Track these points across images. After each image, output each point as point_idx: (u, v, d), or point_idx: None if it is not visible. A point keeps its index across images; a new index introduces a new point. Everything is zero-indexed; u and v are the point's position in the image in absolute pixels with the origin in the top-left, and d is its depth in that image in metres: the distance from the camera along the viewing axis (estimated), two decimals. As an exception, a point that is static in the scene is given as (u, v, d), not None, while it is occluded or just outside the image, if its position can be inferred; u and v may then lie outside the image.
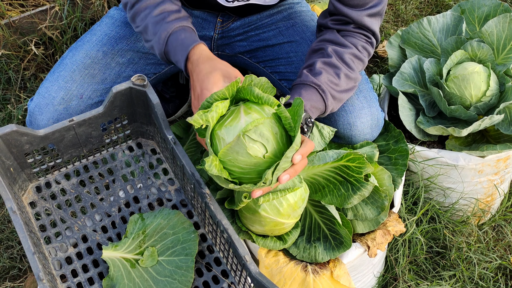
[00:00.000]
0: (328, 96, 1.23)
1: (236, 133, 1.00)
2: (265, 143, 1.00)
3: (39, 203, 1.26)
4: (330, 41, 1.31)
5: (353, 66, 1.28)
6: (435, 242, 1.67)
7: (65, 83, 1.37)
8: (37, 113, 1.33)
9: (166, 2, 1.26)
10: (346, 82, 1.27)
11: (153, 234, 1.21)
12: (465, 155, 1.54)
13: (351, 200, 1.23)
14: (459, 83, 1.52)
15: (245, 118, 1.01)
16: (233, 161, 1.01)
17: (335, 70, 1.26)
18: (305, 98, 1.21)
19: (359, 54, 1.30)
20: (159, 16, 1.24)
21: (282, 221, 1.19)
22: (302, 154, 1.02)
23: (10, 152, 1.16)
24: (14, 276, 1.60)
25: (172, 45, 1.22)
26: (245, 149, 0.98)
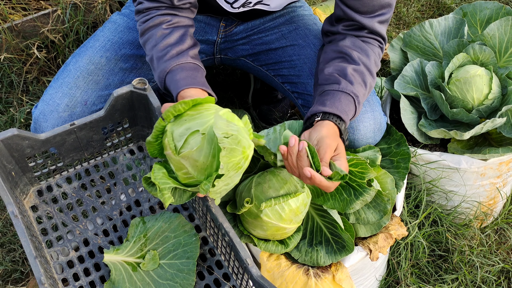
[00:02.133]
0: (360, 107, 1.25)
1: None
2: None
3: (40, 207, 1.26)
4: (353, 48, 1.29)
5: (374, 74, 1.30)
6: (437, 246, 1.66)
7: (69, 89, 1.37)
8: (42, 120, 1.33)
9: (173, 34, 1.27)
10: (369, 91, 1.29)
11: (155, 238, 1.21)
12: (467, 158, 1.54)
13: (353, 205, 1.22)
14: (461, 86, 1.52)
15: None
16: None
17: (363, 78, 1.26)
18: (345, 110, 1.20)
19: (377, 61, 1.32)
20: (162, 52, 1.26)
21: (284, 226, 1.19)
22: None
23: (12, 156, 1.17)
24: (16, 280, 1.60)
25: (168, 83, 1.24)
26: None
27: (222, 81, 2.15)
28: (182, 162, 1.00)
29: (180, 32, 1.28)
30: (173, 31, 1.28)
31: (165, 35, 1.27)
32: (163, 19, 1.28)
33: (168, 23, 1.29)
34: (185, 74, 1.22)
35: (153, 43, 1.27)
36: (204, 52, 1.56)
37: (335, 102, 1.21)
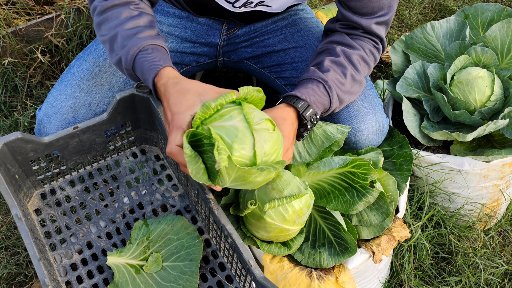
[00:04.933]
0: (333, 93, 1.23)
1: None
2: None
3: (44, 210, 1.27)
4: (338, 43, 1.31)
5: (359, 68, 1.28)
6: (440, 248, 1.66)
7: (73, 91, 1.37)
8: (46, 122, 1.34)
9: (142, 17, 1.21)
10: (351, 84, 1.27)
11: (158, 240, 1.21)
12: (470, 160, 1.54)
13: (356, 207, 1.22)
14: (463, 88, 1.52)
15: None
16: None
17: (342, 70, 1.25)
18: (311, 93, 1.20)
19: (366, 57, 1.30)
20: (131, 30, 1.17)
21: (287, 227, 1.19)
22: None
23: (15, 159, 1.17)
24: (20, 283, 1.60)
25: (140, 62, 1.15)
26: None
27: (224, 84, 2.16)
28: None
29: (149, 18, 1.22)
30: (142, 14, 1.22)
31: (134, 16, 1.20)
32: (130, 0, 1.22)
33: (136, 5, 1.22)
34: (160, 55, 1.15)
35: (118, 22, 1.19)
36: (207, 54, 1.57)
37: (299, 88, 1.23)
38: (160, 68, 1.11)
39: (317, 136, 1.26)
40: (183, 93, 1.04)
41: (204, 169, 0.97)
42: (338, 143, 1.29)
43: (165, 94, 1.08)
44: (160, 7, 1.52)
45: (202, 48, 1.55)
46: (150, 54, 1.14)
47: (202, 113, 0.96)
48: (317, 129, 1.27)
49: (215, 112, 0.98)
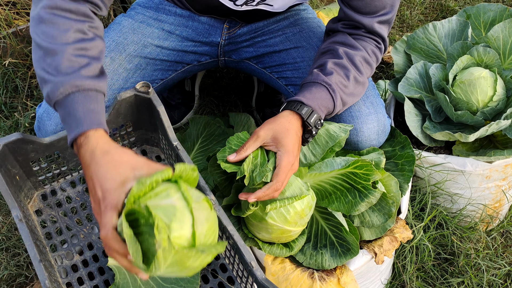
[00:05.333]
0: (337, 96, 1.22)
1: None
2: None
3: (44, 211, 1.26)
4: (341, 43, 1.31)
5: (362, 70, 1.28)
6: (443, 249, 1.65)
7: None
8: (46, 118, 1.33)
9: (94, 42, 1.04)
10: (354, 86, 1.27)
11: None
12: (473, 161, 1.53)
13: (358, 207, 1.22)
14: (466, 88, 1.51)
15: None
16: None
17: (345, 72, 1.25)
18: (315, 97, 1.20)
19: (368, 58, 1.30)
20: (76, 58, 1.00)
21: (289, 228, 1.18)
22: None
23: (16, 160, 1.17)
24: (20, 284, 1.60)
25: (70, 105, 0.98)
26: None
27: (225, 84, 2.15)
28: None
29: (100, 46, 1.06)
30: (95, 39, 1.05)
31: (85, 39, 1.03)
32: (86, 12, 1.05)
33: (91, 24, 1.05)
34: (97, 108, 0.99)
35: (64, 37, 1.00)
36: (208, 54, 1.57)
37: (303, 92, 1.22)
38: (91, 127, 0.96)
39: (320, 136, 1.25)
40: (114, 166, 0.90)
41: (141, 253, 0.85)
42: (340, 144, 1.29)
43: (91, 163, 0.93)
44: (162, 6, 1.52)
45: (203, 47, 1.54)
46: (87, 102, 0.98)
47: (137, 191, 0.85)
48: (320, 129, 1.26)
49: (150, 189, 0.87)
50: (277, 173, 1.12)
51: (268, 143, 1.17)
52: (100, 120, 0.98)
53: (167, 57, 1.51)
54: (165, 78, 1.54)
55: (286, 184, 1.15)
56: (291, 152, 1.14)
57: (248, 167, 1.14)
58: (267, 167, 1.13)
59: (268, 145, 1.17)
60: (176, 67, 1.55)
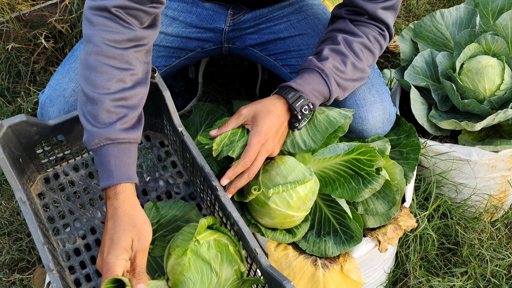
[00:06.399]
0: (332, 81, 1.21)
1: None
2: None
3: (47, 194, 1.26)
4: (341, 30, 1.29)
5: (361, 56, 1.26)
6: (446, 239, 1.65)
7: (76, 75, 1.36)
8: (48, 105, 1.33)
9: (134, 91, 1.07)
10: (352, 71, 1.25)
11: (167, 225, 1.20)
12: (478, 150, 1.52)
13: (362, 194, 1.21)
14: (473, 77, 1.50)
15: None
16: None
17: (342, 58, 1.24)
18: (307, 82, 1.19)
19: (369, 44, 1.28)
20: (115, 109, 1.03)
21: (291, 214, 1.17)
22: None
23: (19, 142, 1.16)
24: (22, 268, 1.60)
25: (104, 156, 1.03)
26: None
27: (229, 72, 2.14)
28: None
29: (140, 94, 1.08)
30: (135, 87, 1.07)
31: (125, 88, 1.05)
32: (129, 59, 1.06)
33: (132, 72, 1.07)
34: (130, 161, 1.05)
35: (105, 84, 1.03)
36: (212, 40, 1.55)
37: (295, 78, 1.23)
38: (121, 182, 1.02)
39: (320, 122, 1.24)
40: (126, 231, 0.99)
41: None
42: (343, 129, 1.28)
43: (117, 210, 1.01)
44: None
45: (207, 33, 1.53)
46: (119, 156, 1.03)
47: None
48: (319, 115, 1.25)
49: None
50: (246, 150, 1.14)
51: (248, 122, 1.19)
52: (130, 174, 1.04)
53: (171, 43, 1.49)
54: (168, 65, 1.53)
55: (258, 164, 1.15)
56: (264, 133, 1.15)
57: (222, 141, 1.17)
58: (238, 143, 1.16)
59: (247, 124, 1.19)
60: (179, 53, 1.54)
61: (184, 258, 1.00)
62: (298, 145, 1.23)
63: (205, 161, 1.16)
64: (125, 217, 1.00)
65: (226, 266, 1.02)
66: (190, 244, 1.01)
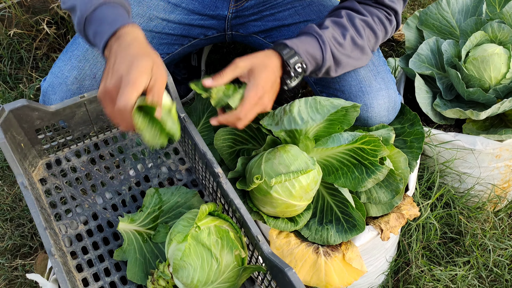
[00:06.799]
0: (327, 48, 1.20)
1: None
2: None
3: (49, 180, 1.25)
4: (345, 8, 1.28)
5: (362, 32, 1.24)
6: (449, 228, 1.64)
7: (78, 62, 1.35)
8: (50, 92, 1.32)
9: None
10: (351, 47, 1.24)
11: (169, 211, 1.20)
12: (483, 139, 1.51)
13: (365, 184, 1.20)
14: (478, 65, 1.48)
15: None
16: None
17: (342, 30, 1.23)
18: (302, 42, 1.18)
19: (372, 24, 1.26)
20: None
21: (294, 203, 1.17)
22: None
23: (21, 127, 1.15)
24: (25, 254, 1.60)
25: (102, 14, 1.04)
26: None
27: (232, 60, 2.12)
28: None
29: None
30: None
31: None
32: None
33: None
34: (128, 13, 1.09)
35: None
36: (215, 27, 1.54)
37: (291, 38, 1.20)
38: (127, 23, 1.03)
39: (323, 106, 1.22)
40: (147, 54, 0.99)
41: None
42: (349, 121, 1.26)
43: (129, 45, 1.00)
44: None
45: (210, 20, 1.51)
46: (115, 10, 1.05)
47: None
48: (324, 101, 1.23)
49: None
50: (243, 102, 1.13)
51: (244, 75, 1.17)
52: (130, 20, 1.04)
53: (173, 30, 1.48)
54: (171, 53, 1.52)
55: (250, 117, 1.15)
56: (261, 87, 1.14)
57: (218, 93, 1.15)
58: (237, 94, 1.15)
59: (243, 77, 1.17)
60: (182, 41, 1.52)
61: (185, 244, 1.00)
62: (295, 121, 1.17)
63: (207, 148, 1.15)
64: (141, 44, 0.99)
65: (227, 252, 1.02)
66: (191, 230, 1.01)
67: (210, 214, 1.10)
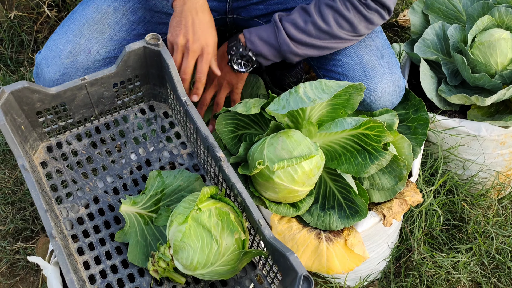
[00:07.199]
0: (281, 32, 1.27)
1: None
2: None
3: (50, 163, 1.25)
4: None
5: (327, 18, 1.26)
6: (452, 215, 1.63)
7: (74, 36, 1.34)
8: (44, 65, 1.31)
9: None
10: (316, 32, 1.27)
11: (171, 194, 1.20)
12: (488, 126, 1.49)
13: (368, 170, 1.19)
14: (485, 50, 1.46)
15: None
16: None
17: (305, 17, 1.28)
18: (258, 29, 1.30)
19: (339, 8, 1.25)
20: None
21: (296, 188, 1.16)
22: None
23: (22, 109, 1.14)
24: (26, 237, 1.60)
25: None
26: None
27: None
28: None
29: None
30: None
31: None
32: None
33: None
34: None
35: None
36: (215, 10, 1.51)
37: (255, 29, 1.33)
38: None
39: (329, 87, 1.20)
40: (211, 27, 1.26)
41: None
42: (353, 106, 1.25)
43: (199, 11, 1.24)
44: None
45: (211, 2, 1.49)
46: None
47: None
48: (329, 82, 1.21)
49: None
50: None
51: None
52: None
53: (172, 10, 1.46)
54: None
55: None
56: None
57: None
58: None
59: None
60: None
61: (185, 225, 0.99)
62: (302, 100, 1.16)
63: (209, 132, 1.14)
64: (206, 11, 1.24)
65: (227, 234, 1.02)
66: (192, 211, 1.01)
67: (212, 198, 1.09)
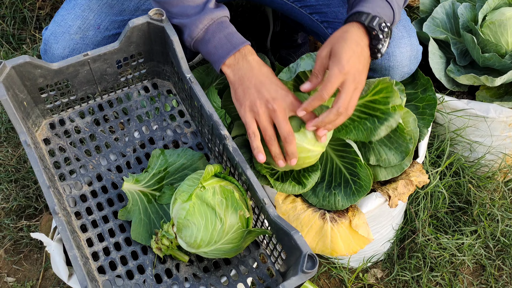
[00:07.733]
0: (394, 4, 1.11)
1: None
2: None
3: (52, 140, 1.23)
4: None
5: None
6: (457, 197, 1.62)
7: (82, 12, 1.31)
8: (53, 41, 1.28)
9: None
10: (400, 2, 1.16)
11: (174, 173, 1.18)
12: (496, 107, 1.47)
13: (378, 132, 1.14)
14: (495, 29, 1.43)
15: None
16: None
17: None
18: (373, 4, 1.08)
19: None
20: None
21: (308, 147, 1.11)
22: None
23: (24, 85, 1.13)
24: (30, 215, 1.60)
25: (214, 36, 1.13)
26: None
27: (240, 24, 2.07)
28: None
29: None
30: None
31: None
32: None
33: None
34: (234, 28, 1.16)
35: None
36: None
37: (356, 6, 1.11)
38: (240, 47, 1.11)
39: None
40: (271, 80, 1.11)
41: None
42: None
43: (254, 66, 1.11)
44: None
45: None
46: (227, 28, 1.14)
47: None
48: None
49: None
50: (324, 83, 1.03)
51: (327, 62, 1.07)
52: (242, 38, 1.13)
53: None
54: None
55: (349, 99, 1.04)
56: (345, 61, 1.02)
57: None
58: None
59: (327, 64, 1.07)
60: None
61: (189, 203, 0.98)
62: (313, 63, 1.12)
63: (214, 109, 1.12)
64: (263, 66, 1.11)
65: (231, 212, 1.01)
66: (196, 189, 0.99)
67: (216, 176, 1.08)
